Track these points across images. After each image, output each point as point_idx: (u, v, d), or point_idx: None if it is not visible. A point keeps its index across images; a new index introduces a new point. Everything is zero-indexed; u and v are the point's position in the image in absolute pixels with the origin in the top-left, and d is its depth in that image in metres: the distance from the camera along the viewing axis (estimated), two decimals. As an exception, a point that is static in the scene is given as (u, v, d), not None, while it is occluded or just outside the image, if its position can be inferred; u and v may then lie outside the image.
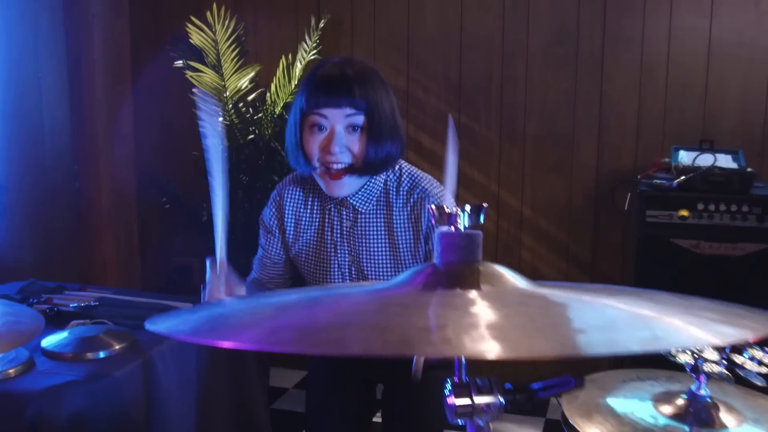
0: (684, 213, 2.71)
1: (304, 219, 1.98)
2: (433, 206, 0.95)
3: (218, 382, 2.30)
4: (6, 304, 1.65)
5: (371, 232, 1.91)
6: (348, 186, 1.83)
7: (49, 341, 2.09)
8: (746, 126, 3.52)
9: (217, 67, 3.55)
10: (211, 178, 1.77)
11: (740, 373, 1.15)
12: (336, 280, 1.95)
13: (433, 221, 0.94)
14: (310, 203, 1.97)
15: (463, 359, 0.94)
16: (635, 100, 3.65)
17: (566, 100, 3.73)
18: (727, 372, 1.15)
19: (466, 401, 0.89)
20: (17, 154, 3.28)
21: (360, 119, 1.78)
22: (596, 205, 3.66)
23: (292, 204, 2.00)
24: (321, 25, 3.68)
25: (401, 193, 1.89)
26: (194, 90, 2.11)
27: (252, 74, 3.66)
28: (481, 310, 0.84)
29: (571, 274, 3.69)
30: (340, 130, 1.77)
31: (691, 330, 0.83)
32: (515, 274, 0.95)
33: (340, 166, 1.78)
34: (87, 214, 3.64)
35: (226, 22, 3.54)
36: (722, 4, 3.52)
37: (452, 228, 0.94)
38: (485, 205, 0.95)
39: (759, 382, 1.15)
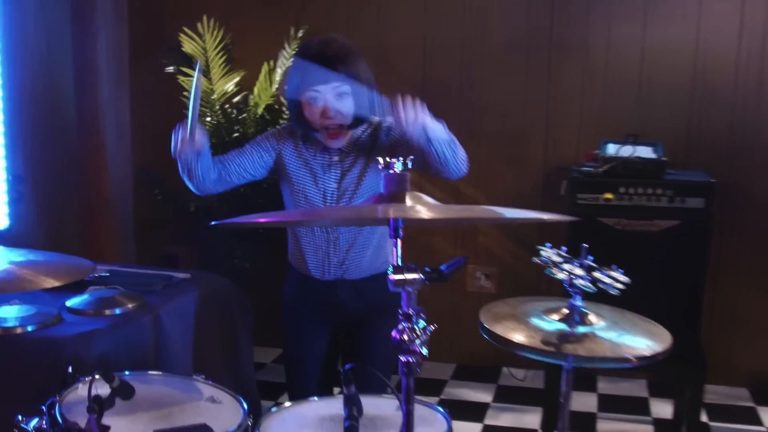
0: (608, 196, 3.16)
1: (292, 151, 2.41)
2: (380, 158, 1.43)
3: (210, 329, 2.74)
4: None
5: (357, 171, 2.37)
6: (343, 139, 2.33)
7: (72, 302, 2.52)
8: (672, 123, 3.98)
9: (206, 73, 3.95)
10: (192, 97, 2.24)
11: (601, 286, 1.61)
12: (318, 201, 2.38)
13: (380, 168, 1.43)
14: (301, 151, 2.41)
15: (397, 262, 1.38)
16: (577, 101, 4.10)
17: (518, 100, 4.16)
18: (591, 285, 1.61)
19: (400, 276, 1.34)
20: (33, 150, 3.66)
21: (346, 88, 2.27)
22: (542, 193, 4.10)
23: (288, 150, 2.42)
24: (300, 34, 4.09)
25: (380, 131, 2.40)
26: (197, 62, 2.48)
27: (237, 79, 4.06)
28: (408, 207, 1.31)
29: (520, 254, 4.14)
30: (331, 99, 2.25)
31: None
32: (431, 198, 1.42)
33: (335, 125, 2.27)
34: (90, 204, 4.01)
35: (215, 32, 3.95)
36: (655, 17, 3.97)
37: (391, 171, 1.42)
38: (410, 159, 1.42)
39: (614, 292, 1.60)
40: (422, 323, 1.31)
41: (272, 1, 4.30)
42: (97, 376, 1.59)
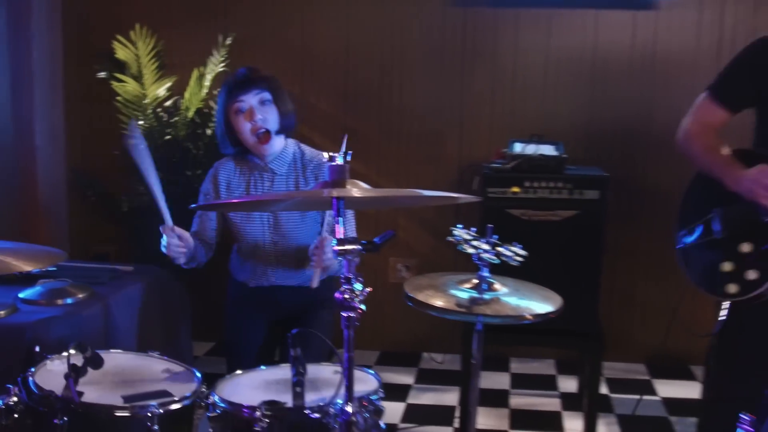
0: (515, 189, 3.49)
1: (233, 182, 2.68)
2: (325, 153, 1.72)
3: (153, 317, 2.96)
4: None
5: (284, 189, 2.64)
6: (274, 145, 2.58)
7: (25, 293, 2.70)
8: (573, 124, 4.36)
9: (138, 78, 4.12)
10: (147, 176, 2.46)
11: (504, 259, 1.92)
12: (257, 229, 2.64)
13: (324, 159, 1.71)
14: (238, 172, 2.70)
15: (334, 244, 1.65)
16: (488, 104, 4.44)
17: (434, 104, 4.48)
18: (495, 257, 1.92)
19: (343, 247, 1.61)
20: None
21: (267, 95, 2.57)
22: (457, 188, 4.38)
23: (225, 173, 2.71)
24: (228, 42, 4.31)
25: (305, 160, 2.66)
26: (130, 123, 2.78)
27: (169, 84, 4.25)
28: (348, 190, 1.60)
29: (437, 246, 4.46)
30: (256, 105, 2.54)
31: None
32: (366, 185, 1.70)
33: (263, 130, 2.53)
34: (24, 206, 4.12)
35: (147, 40, 4.13)
36: (557, 27, 4.34)
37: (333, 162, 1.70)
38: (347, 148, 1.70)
39: (514, 263, 1.92)
40: (359, 286, 1.59)
41: (200, 10, 4.49)
42: (72, 351, 1.80)
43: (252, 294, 2.75)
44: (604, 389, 4.14)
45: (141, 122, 4.14)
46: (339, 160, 1.64)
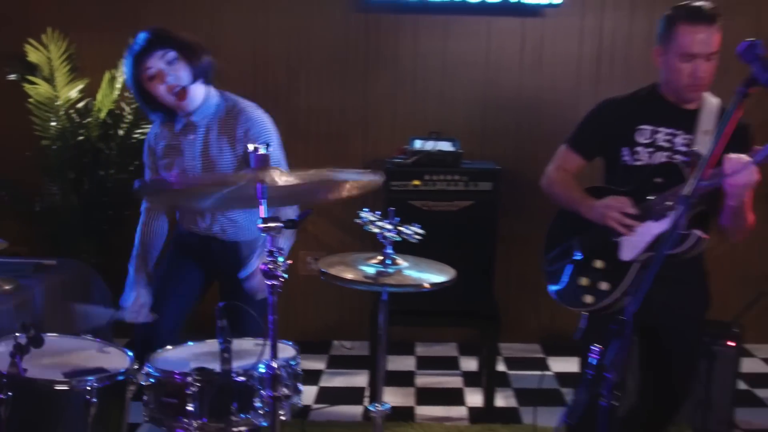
0: (416, 182, 3.78)
1: (161, 137, 2.79)
2: (249, 146, 1.90)
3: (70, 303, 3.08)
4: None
5: (202, 142, 2.74)
6: (194, 98, 2.65)
7: (-49, 288, 2.80)
8: (468, 122, 4.69)
9: (50, 81, 4.21)
10: None
11: (404, 237, 2.19)
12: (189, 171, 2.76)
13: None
14: (167, 131, 2.79)
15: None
16: (390, 105, 4.72)
17: (339, 104, 4.72)
18: (397, 236, 2.19)
19: (267, 225, 1.83)
20: None
21: (172, 54, 2.61)
22: (363, 185, 4.70)
23: (157, 138, 2.80)
24: (138, 45, 4.44)
25: (234, 111, 2.76)
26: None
27: (81, 86, 4.33)
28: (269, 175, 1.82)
29: (346, 240, 4.71)
30: (164, 67, 2.60)
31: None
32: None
33: (178, 87, 2.60)
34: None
35: (59, 43, 4.22)
36: (453, 33, 4.65)
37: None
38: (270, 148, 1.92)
39: (413, 240, 2.20)
40: (281, 258, 1.82)
41: (110, 13, 4.58)
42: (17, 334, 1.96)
43: (190, 238, 2.85)
44: (502, 367, 4.48)
45: (53, 123, 4.23)
46: (262, 150, 1.87)
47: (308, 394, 4.03)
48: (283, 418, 1.97)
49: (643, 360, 2.76)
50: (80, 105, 4.37)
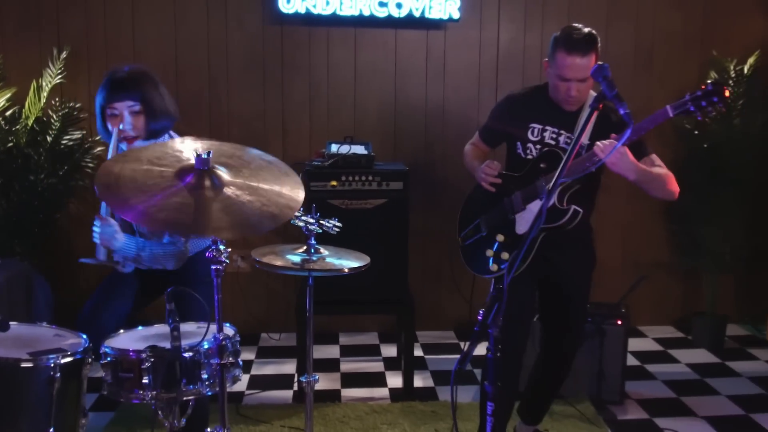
0: (334, 183, 4.11)
1: None
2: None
3: (18, 303, 3.31)
4: None
5: None
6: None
7: None
8: (380, 127, 5.08)
9: (-23, 90, 4.38)
10: None
11: (325, 229, 2.55)
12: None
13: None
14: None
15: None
16: (307, 111, 5.06)
17: (258, 110, 5.02)
18: (318, 228, 2.55)
19: None
20: None
21: (137, 106, 2.93)
22: (284, 186, 5.01)
23: None
24: (63, 55, 4.64)
25: None
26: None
27: (9, 95, 4.50)
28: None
29: (269, 238, 4.98)
30: (126, 114, 2.92)
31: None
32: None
33: (130, 135, 2.92)
34: None
35: (-14, 54, 4.40)
36: (362, 44, 5.01)
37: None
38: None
39: (333, 232, 2.56)
40: (222, 247, 2.14)
41: (30, 25, 4.77)
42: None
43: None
44: (419, 352, 4.88)
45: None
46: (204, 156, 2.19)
47: (240, 382, 4.30)
48: (228, 385, 2.29)
49: (544, 308, 3.31)
50: (8, 113, 4.52)
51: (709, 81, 2.62)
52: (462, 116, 5.13)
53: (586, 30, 2.93)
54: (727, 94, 2.56)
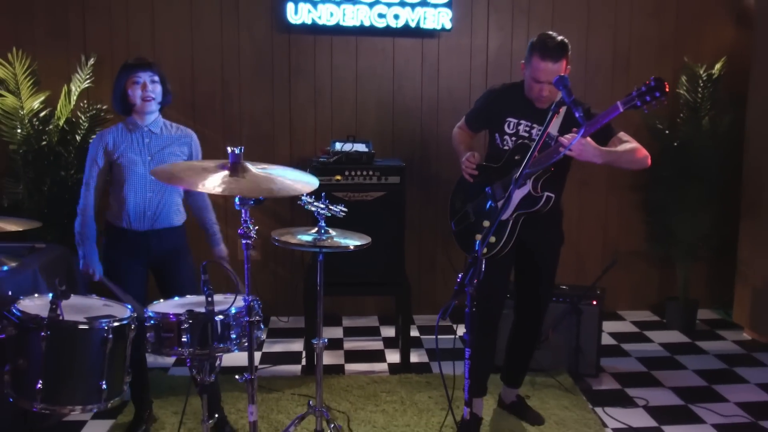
0: (338, 177, 4.56)
1: (118, 140, 3.49)
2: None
3: (61, 280, 3.75)
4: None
5: (162, 144, 3.52)
6: (153, 110, 3.48)
7: (-36, 266, 3.44)
8: (380, 126, 5.52)
9: (16, 93, 4.82)
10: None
11: (333, 213, 3.02)
12: (143, 169, 3.47)
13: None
14: (121, 132, 3.51)
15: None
16: (312, 112, 5.50)
17: (267, 111, 5.46)
18: (327, 212, 3.00)
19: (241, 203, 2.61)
20: None
21: (156, 77, 3.47)
22: (291, 180, 5.44)
23: (110, 135, 3.51)
24: (91, 62, 5.09)
25: (171, 128, 3.56)
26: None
27: (43, 98, 4.94)
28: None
29: (276, 227, 5.45)
30: (148, 81, 3.44)
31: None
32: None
33: (149, 96, 3.42)
34: None
35: (23, 61, 4.84)
36: (364, 51, 5.45)
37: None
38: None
39: (340, 216, 3.02)
40: (251, 225, 2.61)
41: (60, 34, 5.22)
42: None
43: (128, 239, 3.54)
44: (416, 333, 5.33)
45: (19, 131, 4.83)
46: (237, 151, 2.65)
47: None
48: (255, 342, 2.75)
49: (518, 279, 3.72)
50: (42, 114, 4.97)
51: (652, 77, 2.89)
52: (455, 116, 5.44)
53: (559, 39, 3.30)
54: (667, 89, 2.86)
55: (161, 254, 3.60)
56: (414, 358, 4.80)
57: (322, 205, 3.02)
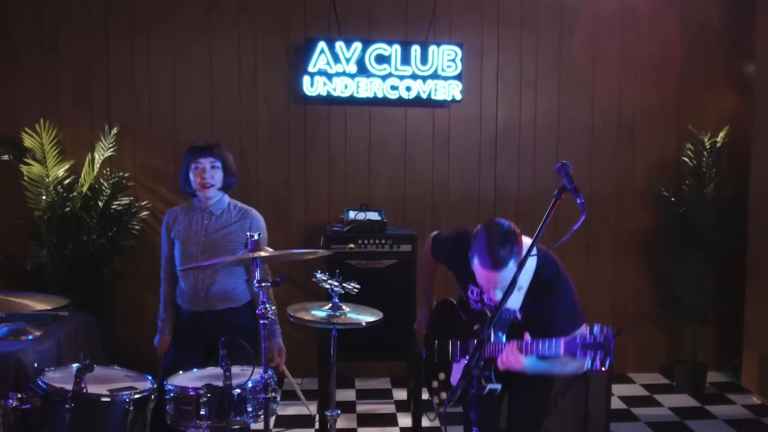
0: (351, 246, 4.71)
1: (179, 219, 3.65)
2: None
3: (83, 347, 3.88)
4: None
5: (219, 226, 3.64)
6: (213, 195, 3.61)
7: (-6, 334, 3.58)
8: (391, 195, 5.67)
9: (42, 162, 5.01)
10: None
11: (346, 290, 3.14)
12: (195, 250, 3.60)
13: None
14: (185, 212, 3.66)
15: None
16: (326, 179, 5.66)
17: (283, 179, 5.62)
18: (340, 290, 3.13)
19: (260, 284, 2.74)
20: None
21: (218, 163, 3.61)
22: (306, 246, 5.53)
23: (171, 215, 3.68)
24: (114, 131, 5.30)
25: (243, 210, 3.71)
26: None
27: (68, 166, 5.14)
28: (258, 253, 2.73)
29: (291, 291, 5.57)
30: (208, 167, 3.59)
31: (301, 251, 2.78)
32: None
33: (208, 183, 3.55)
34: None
35: (50, 131, 5.04)
36: (377, 120, 5.62)
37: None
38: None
39: (353, 293, 3.14)
40: (269, 306, 2.74)
41: (85, 104, 5.42)
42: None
43: (189, 320, 3.65)
44: (427, 396, 5.36)
45: (44, 197, 5.01)
46: (256, 237, 2.80)
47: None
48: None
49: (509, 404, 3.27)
50: (67, 182, 5.15)
51: (599, 330, 2.66)
52: (464, 184, 5.73)
53: (503, 252, 2.76)
54: (611, 354, 2.55)
55: (217, 336, 3.31)
56: (425, 422, 4.86)
57: (336, 283, 3.16)
